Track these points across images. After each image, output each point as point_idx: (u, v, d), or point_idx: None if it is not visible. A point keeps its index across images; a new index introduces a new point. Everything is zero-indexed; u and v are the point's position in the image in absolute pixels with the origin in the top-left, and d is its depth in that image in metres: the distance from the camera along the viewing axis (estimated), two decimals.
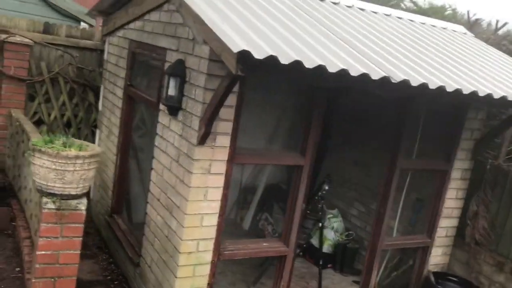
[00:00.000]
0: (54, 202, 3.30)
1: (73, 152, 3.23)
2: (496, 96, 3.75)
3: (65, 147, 3.35)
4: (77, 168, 3.27)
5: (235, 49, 2.70)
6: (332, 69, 2.92)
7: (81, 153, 3.28)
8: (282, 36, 3.23)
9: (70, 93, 6.67)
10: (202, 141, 3.59)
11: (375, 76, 3.09)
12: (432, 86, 3.41)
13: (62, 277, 3.46)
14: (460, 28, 5.48)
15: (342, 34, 3.87)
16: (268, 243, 4.33)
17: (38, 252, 3.36)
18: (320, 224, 5.26)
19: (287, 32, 3.41)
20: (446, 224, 5.18)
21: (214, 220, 3.85)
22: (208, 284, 3.97)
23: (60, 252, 3.41)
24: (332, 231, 6.26)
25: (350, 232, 6.18)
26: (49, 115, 6.61)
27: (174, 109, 3.92)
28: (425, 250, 5.18)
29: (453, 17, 6.53)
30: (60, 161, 3.20)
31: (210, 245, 3.88)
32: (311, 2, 4.50)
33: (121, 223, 5.28)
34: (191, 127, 3.69)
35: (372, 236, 4.90)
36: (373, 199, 5.88)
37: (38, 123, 6.56)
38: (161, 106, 4.20)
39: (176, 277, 3.83)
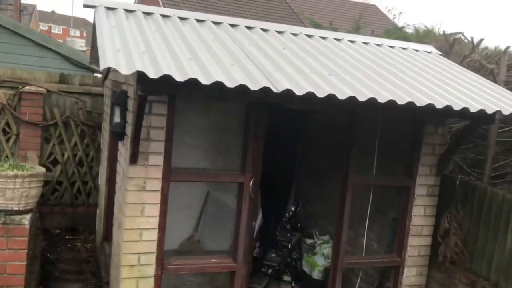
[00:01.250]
0: None
1: (11, 172, 3.71)
2: (418, 104, 3.78)
3: (12, 169, 3.84)
4: (17, 186, 3.74)
5: (131, 70, 3.06)
6: (231, 84, 3.16)
7: (20, 173, 3.76)
8: (185, 57, 3.57)
9: (81, 135, 7.35)
10: (133, 160, 3.95)
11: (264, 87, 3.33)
12: (361, 98, 3.53)
13: (9, 286, 3.88)
14: (425, 48, 5.52)
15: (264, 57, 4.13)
16: (216, 259, 4.52)
17: None
18: (289, 246, 5.34)
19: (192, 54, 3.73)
20: (417, 243, 5.07)
21: (153, 235, 4.14)
22: None
23: (7, 263, 3.85)
24: (322, 257, 6.27)
25: None
26: (63, 155, 7.31)
27: (119, 135, 4.34)
28: (397, 270, 5.08)
29: (428, 36, 6.53)
30: (0, 179, 3.69)
31: (152, 259, 4.15)
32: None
33: (107, 248, 5.69)
34: (127, 148, 4.07)
35: (332, 254, 4.92)
36: (360, 223, 5.87)
37: (53, 163, 7.29)
38: None
39: None
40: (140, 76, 3.07)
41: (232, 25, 4.66)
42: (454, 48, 6.18)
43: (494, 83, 4.75)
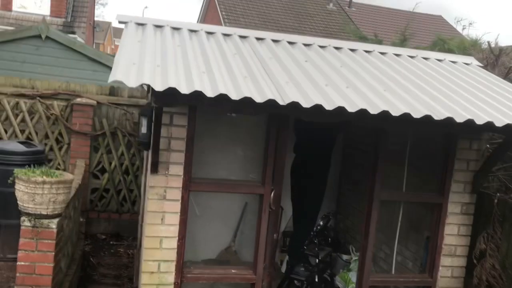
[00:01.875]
0: (29, 220, 4.02)
1: (40, 178, 3.96)
2: (436, 118, 3.58)
3: (41, 176, 4.09)
4: (45, 192, 3.97)
5: (137, 83, 3.21)
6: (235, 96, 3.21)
7: (48, 179, 3.99)
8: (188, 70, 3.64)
9: (128, 145, 7.67)
10: (154, 169, 4.09)
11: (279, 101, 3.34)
12: (373, 111, 3.45)
13: (39, 286, 4.11)
14: (464, 59, 5.29)
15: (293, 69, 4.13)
16: (236, 270, 4.54)
17: (18, 263, 4.08)
18: (317, 261, 5.26)
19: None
20: (450, 263, 4.83)
21: (173, 243, 4.24)
22: None
23: (36, 263, 4.08)
24: (355, 274, 6.12)
25: None
26: (110, 164, 7.65)
27: (146, 145, 4.50)
28: None
29: (475, 48, 6.23)
30: (30, 185, 3.94)
31: (172, 267, 4.25)
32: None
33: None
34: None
35: (358, 271, 4.79)
36: (402, 239, 5.69)
37: (101, 171, 7.65)
38: None
39: None
40: (153, 89, 3.20)
41: (258, 39, 4.72)
42: (500, 59, 5.88)
43: None
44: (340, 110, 3.33)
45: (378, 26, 23.82)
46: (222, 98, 3.16)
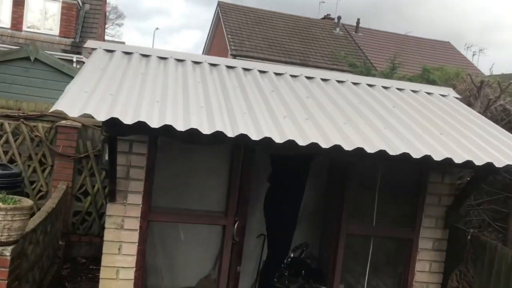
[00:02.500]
0: None
1: None
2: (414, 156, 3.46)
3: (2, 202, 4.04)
4: (0, 219, 3.91)
5: (80, 113, 3.14)
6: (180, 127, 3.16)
7: (2, 206, 3.93)
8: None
9: None
10: (111, 198, 4.02)
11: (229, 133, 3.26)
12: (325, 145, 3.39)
13: None
14: (441, 91, 5.18)
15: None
16: None
17: None
18: None
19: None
20: None
21: (130, 274, 4.14)
22: None
23: None
24: None
25: None
26: (93, 187, 7.60)
27: (107, 172, 4.44)
28: None
29: (458, 79, 6.12)
30: None
31: None
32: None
33: None
34: None
35: None
36: (375, 274, 5.53)
37: (85, 194, 7.60)
38: None
39: None
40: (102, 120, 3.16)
41: (212, 65, 4.68)
42: (482, 91, 5.77)
43: (505, 132, 4.33)
44: (314, 145, 3.25)
45: (383, 51, 23.87)
46: (166, 129, 3.10)
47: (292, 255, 5.05)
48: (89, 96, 3.36)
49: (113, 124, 3.12)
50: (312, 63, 22.15)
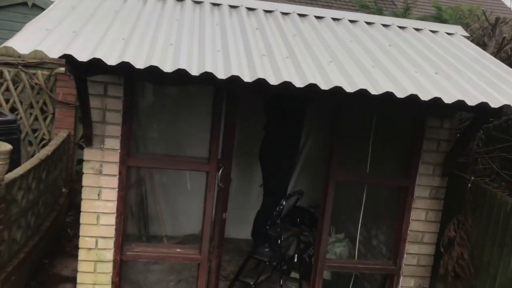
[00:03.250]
0: None
1: None
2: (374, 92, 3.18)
3: None
4: None
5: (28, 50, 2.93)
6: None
7: None
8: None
9: None
10: (88, 142, 3.89)
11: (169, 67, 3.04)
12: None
13: None
14: (447, 29, 4.75)
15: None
16: (181, 249, 4.34)
17: None
18: (279, 241, 4.99)
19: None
20: (416, 251, 4.48)
21: (111, 220, 4.06)
22: (113, 282, 4.16)
23: None
24: (334, 256, 5.83)
25: None
26: None
27: None
28: (392, 279, 4.53)
29: (471, 17, 5.62)
30: None
31: (110, 244, 4.09)
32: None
33: None
34: None
35: (314, 254, 4.50)
36: (374, 223, 5.35)
37: None
38: None
39: (78, 271, 4.12)
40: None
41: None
42: (498, 29, 5.32)
43: None
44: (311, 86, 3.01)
45: None
46: (122, 67, 2.88)
47: (284, 203, 4.88)
48: (50, 33, 3.15)
49: (72, 62, 2.92)
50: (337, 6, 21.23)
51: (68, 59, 2.89)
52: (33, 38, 3.01)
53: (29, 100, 7.29)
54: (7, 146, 4.18)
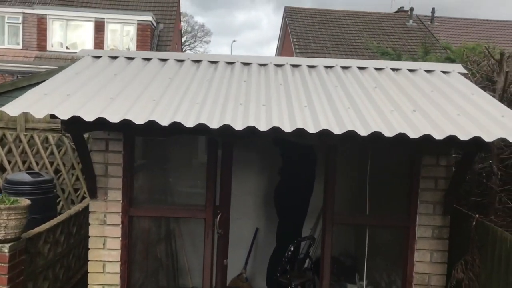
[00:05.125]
0: None
1: None
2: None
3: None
4: None
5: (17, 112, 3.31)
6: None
7: None
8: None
9: None
10: (91, 194, 4.21)
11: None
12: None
13: None
14: (443, 67, 4.75)
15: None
16: None
17: None
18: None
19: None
20: None
21: (116, 268, 4.30)
22: None
23: None
24: None
25: None
26: None
27: None
28: None
29: (476, 53, 5.54)
30: None
31: None
32: None
33: None
34: None
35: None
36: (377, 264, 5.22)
37: None
38: None
39: None
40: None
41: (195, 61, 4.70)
42: (505, 64, 5.24)
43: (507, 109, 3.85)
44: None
45: (462, 38, 22.45)
46: (99, 122, 3.20)
47: (292, 248, 4.90)
48: (46, 97, 3.54)
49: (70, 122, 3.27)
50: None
51: (55, 117, 3.24)
52: (24, 103, 3.39)
53: (71, 161, 7.88)
54: (26, 202, 4.57)
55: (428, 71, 4.68)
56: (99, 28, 22.61)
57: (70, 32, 22.81)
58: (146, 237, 5.02)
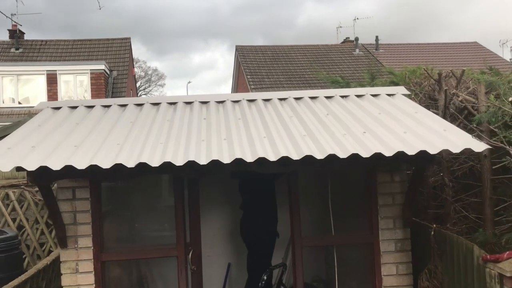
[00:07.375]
0: None
1: None
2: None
3: None
4: None
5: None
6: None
7: None
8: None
9: None
10: (61, 244, 4.22)
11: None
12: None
13: None
14: (388, 91, 5.11)
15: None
16: None
17: None
18: None
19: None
20: None
21: None
22: None
23: None
24: None
25: None
26: None
27: None
28: None
29: (417, 75, 5.97)
30: None
31: None
32: None
33: None
34: None
35: None
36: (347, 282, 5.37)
37: None
38: None
39: None
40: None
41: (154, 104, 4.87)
42: (444, 83, 5.65)
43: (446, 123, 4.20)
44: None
45: (405, 62, 23.53)
46: (67, 169, 3.29)
47: (265, 277, 5.01)
48: (11, 151, 3.62)
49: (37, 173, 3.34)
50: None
51: (22, 169, 3.31)
52: None
53: (34, 216, 7.77)
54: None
55: (374, 95, 5.01)
56: (52, 80, 22.42)
57: (21, 87, 22.52)
58: (119, 283, 5.02)
